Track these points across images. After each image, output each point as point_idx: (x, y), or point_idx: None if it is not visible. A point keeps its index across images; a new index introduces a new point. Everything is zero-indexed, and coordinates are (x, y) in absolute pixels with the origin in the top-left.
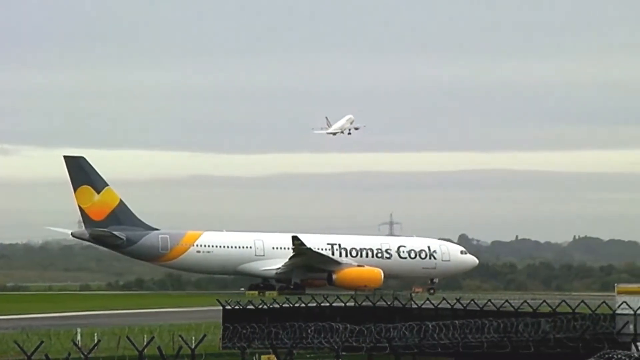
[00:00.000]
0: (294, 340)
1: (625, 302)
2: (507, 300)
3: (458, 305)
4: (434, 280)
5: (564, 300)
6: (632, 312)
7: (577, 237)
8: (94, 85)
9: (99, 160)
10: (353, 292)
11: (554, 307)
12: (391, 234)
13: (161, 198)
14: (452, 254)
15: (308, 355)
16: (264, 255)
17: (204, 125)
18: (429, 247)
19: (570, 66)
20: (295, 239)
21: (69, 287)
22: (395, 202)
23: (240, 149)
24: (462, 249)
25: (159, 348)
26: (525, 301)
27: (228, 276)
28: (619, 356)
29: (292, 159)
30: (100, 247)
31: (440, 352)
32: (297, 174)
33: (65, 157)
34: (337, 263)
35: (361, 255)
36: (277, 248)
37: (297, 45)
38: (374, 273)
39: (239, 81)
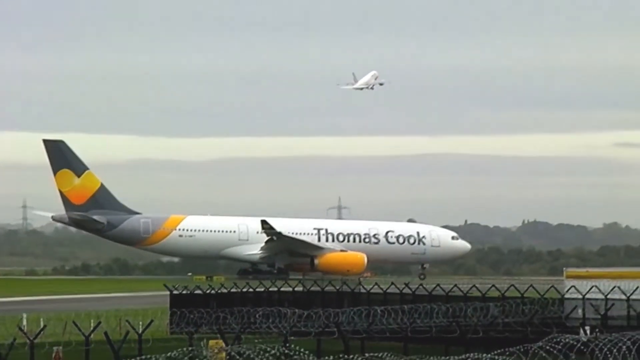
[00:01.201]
0: (242, 325)
1: (573, 286)
2: (455, 285)
3: (407, 290)
4: (425, 266)
5: (512, 285)
6: (580, 296)
7: (526, 222)
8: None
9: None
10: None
11: (502, 292)
12: (339, 219)
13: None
14: (442, 239)
15: (256, 340)
16: (247, 240)
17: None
18: (418, 233)
19: (515, 51)
20: (264, 223)
21: (14, 272)
22: (343, 187)
23: (186, 132)
24: (454, 234)
25: (105, 333)
26: (474, 286)
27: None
28: (568, 340)
29: (238, 143)
30: (46, 232)
31: (388, 336)
32: (242, 158)
33: (44, 140)
34: (318, 248)
35: (348, 240)
36: (261, 232)
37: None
38: (357, 258)
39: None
